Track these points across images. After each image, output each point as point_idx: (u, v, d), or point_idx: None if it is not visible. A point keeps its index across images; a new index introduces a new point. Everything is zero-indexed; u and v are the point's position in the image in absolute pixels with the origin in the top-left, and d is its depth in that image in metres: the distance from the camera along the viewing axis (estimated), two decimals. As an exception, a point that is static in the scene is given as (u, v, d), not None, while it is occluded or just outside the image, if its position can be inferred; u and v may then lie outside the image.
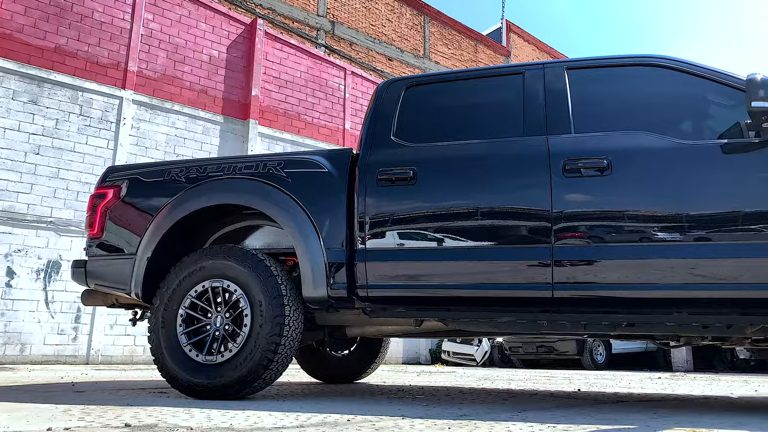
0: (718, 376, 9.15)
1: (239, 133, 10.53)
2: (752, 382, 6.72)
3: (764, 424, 2.46)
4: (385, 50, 17.03)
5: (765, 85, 2.73)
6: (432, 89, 3.73)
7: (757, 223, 2.78)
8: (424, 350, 13.69)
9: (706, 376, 8.70)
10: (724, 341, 3.34)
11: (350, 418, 2.54)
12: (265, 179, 3.49)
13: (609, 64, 3.40)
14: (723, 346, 3.58)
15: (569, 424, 2.43)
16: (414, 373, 7.94)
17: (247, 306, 3.25)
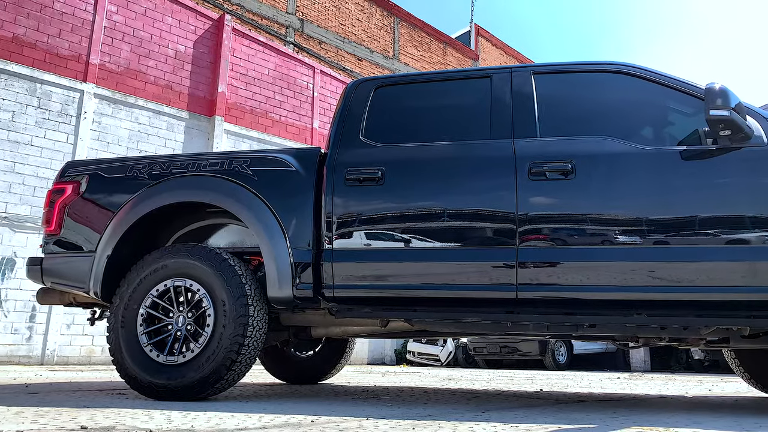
0: (674, 376, 9.41)
1: (205, 130, 10.37)
2: (706, 381, 6.93)
3: (717, 423, 2.54)
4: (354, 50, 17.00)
5: (722, 95, 2.82)
6: (401, 90, 3.74)
7: (712, 227, 2.87)
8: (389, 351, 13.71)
9: (663, 376, 8.94)
10: (680, 342, 3.44)
11: (314, 419, 2.52)
12: (230, 177, 3.44)
13: (575, 70, 3.46)
14: (679, 347, 3.68)
15: (531, 423, 2.46)
16: (379, 373, 7.94)
17: (210, 306, 3.20)
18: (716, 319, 2.89)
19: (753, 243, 2.81)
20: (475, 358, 13.97)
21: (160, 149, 9.69)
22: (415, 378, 6.76)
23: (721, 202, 2.90)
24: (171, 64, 10.15)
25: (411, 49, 18.77)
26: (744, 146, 2.91)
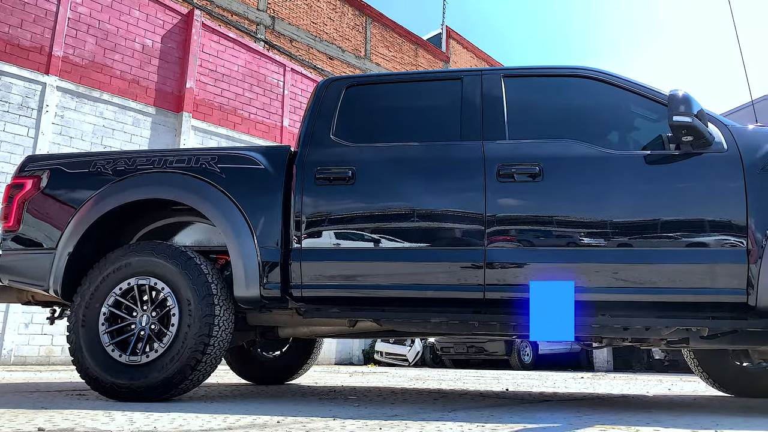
0: (635, 375, 9.63)
1: (172, 126, 10.19)
2: (666, 381, 7.10)
3: (676, 421, 2.60)
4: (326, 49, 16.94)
5: (685, 101, 2.89)
6: (373, 90, 3.74)
7: (674, 230, 2.94)
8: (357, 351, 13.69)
9: (625, 376, 9.14)
10: (642, 343, 3.51)
11: (280, 420, 2.50)
12: (197, 174, 3.39)
13: (543, 73, 3.51)
14: (641, 347, 3.76)
15: (497, 423, 2.48)
16: (347, 373, 7.92)
17: (175, 305, 3.14)
18: (677, 320, 2.97)
19: (712, 246, 2.89)
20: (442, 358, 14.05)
21: (125, 145, 9.49)
22: (382, 378, 6.77)
23: (683, 206, 2.97)
24: (138, 59, 9.94)
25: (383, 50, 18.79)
26: (705, 152, 2.99)
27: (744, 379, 4.24)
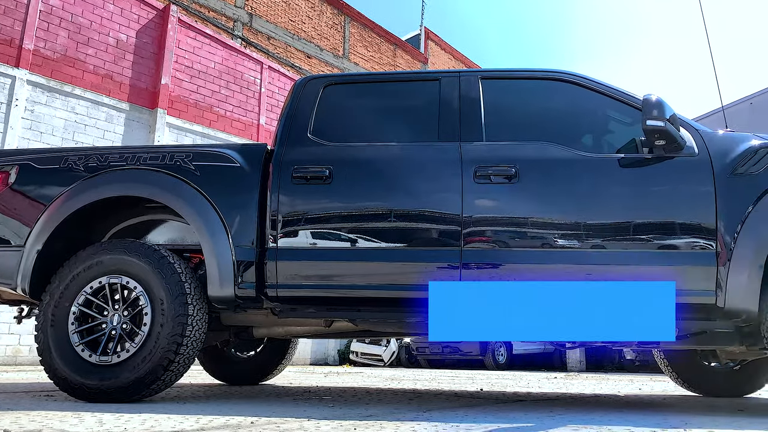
0: (607, 375, 9.78)
1: (146, 123, 10.03)
2: (637, 381, 7.22)
3: (647, 420, 2.65)
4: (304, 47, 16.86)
5: (658, 106, 2.94)
6: (351, 89, 3.73)
7: (646, 233, 2.99)
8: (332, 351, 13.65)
9: (597, 376, 9.27)
10: (614, 343, 3.56)
11: (254, 420, 2.48)
12: (171, 171, 3.34)
13: (520, 76, 3.54)
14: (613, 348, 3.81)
15: (472, 423, 2.49)
16: (322, 374, 7.89)
17: (147, 304, 3.09)
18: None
19: (682, 248, 2.95)
20: (417, 358, 14.09)
21: (98, 141, 9.31)
22: (357, 378, 6.75)
23: (655, 209, 3.03)
24: (112, 53, 9.77)
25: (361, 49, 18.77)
26: (677, 156, 3.04)
27: (712, 379, 4.34)
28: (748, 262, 2.83)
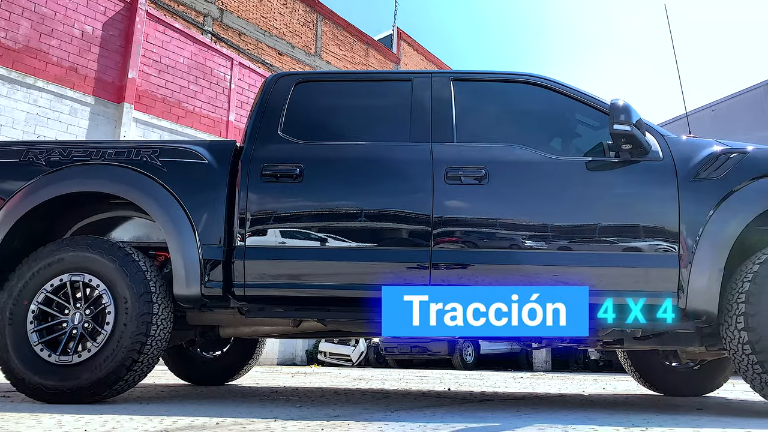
0: (572, 375, 9.94)
1: (112, 117, 9.80)
2: (601, 380, 7.36)
3: (609, 419, 2.69)
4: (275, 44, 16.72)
5: (625, 111, 3.00)
6: (323, 87, 3.71)
7: (611, 235, 3.05)
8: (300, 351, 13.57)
9: (563, 376, 9.41)
10: (579, 343, 3.62)
11: (219, 421, 2.44)
12: (137, 167, 3.27)
13: (492, 78, 3.56)
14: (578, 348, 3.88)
15: (439, 422, 2.50)
16: (289, 374, 7.83)
17: (110, 302, 3.02)
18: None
19: (646, 251, 3.01)
20: (386, 358, 14.11)
21: (60, 135, 9.06)
22: (325, 378, 6.72)
23: (620, 212, 3.08)
24: (77, 45, 9.52)
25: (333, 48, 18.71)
26: (642, 160, 3.11)
27: (673, 378, 4.44)
28: (709, 264, 2.91)
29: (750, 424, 2.58)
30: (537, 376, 8.84)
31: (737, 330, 2.79)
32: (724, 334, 2.91)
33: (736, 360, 2.84)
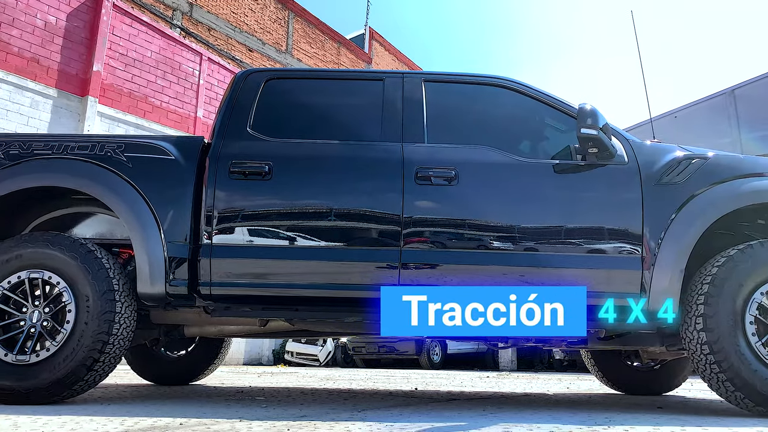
0: (537, 374, 10.08)
1: (75, 111, 9.55)
2: (565, 380, 7.48)
3: (573, 418, 2.74)
4: (245, 40, 16.53)
5: (593, 115, 3.05)
6: (294, 84, 3.68)
7: (577, 236, 3.10)
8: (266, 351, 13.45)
9: (528, 375, 9.54)
10: (545, 343, 3.67)
11: (183, 422, 2.40)
12: (101, 162, 3.19)
13: (463, 80, 3.59)
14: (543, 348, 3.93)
15: (406, 422, 2.50)
16: (255, 374, 7.75)
17: (71, 300, 2.94)
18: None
19: (610, 253, 3.07)
20: (354, 358, 14.09)
21: (21, 128, 8.79)
22: (292, 378, 6.68)
23: (586, 214, 3.14)
24: (39, 36, 9.24)
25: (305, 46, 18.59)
26: (608, 164, 3.17)
27: (634, 378, 4.54)
28: (671, 266, 2.98)
29: (707, 422, 2.65)
30: (503, 376, 8.94)
31: (696, 331, 2.87)
32: (683, 335, 2.99)
33: (695, 360, 2.92)
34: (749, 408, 2.80)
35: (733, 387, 2.78)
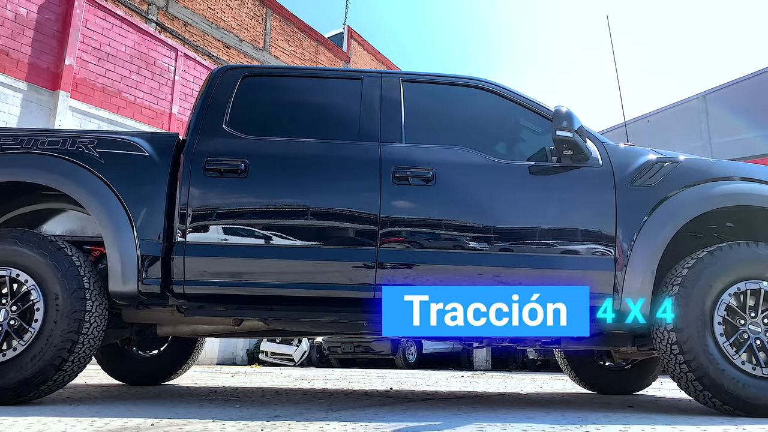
0: (511, 374, 10.17)
1: (46, 105, 9.34)
2: (538, 379, 7.56)
3: (546, 417, 2.77)
4: (222, 36, 16.36)
5: (568, 117, 3.08)
6: (271, 82, 3.65)
7: (552, 237, 3.13)
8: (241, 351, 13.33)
9: (502, 375, 9.62)
10: (519, 343, 3.70)
11: (155, 422, 2.36)
12: (72, 158, 3.12)
13: (441, 81, 3.60)
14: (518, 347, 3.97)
15: (381, 422, 2.50)
16: (229, 374, 7.68)
17: (40, 299, 2.87)
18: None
19: (583, 254, 3.11)
20: (329, 358, 14.04)
21: (-11, 121, 8.57)
22: (266, 378, 6.63)
23: (560, 215, 3.17)
24: (9, 28, 9.02)
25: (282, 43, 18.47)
26: (583, 166, 3.21)
27: (606, 377, 4.60)
28: (642, 268, 3.03)
29: (677, 421, 2.70)
30: (477, 375, 8.99)
31: (666, 331, 2.92)
32: (654, 335, 3.04)
33: (665, 360, 2.97)
34: (717, 407, 2.86)
35: (702, 386, 2.84)
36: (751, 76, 12.42)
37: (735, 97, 12.51)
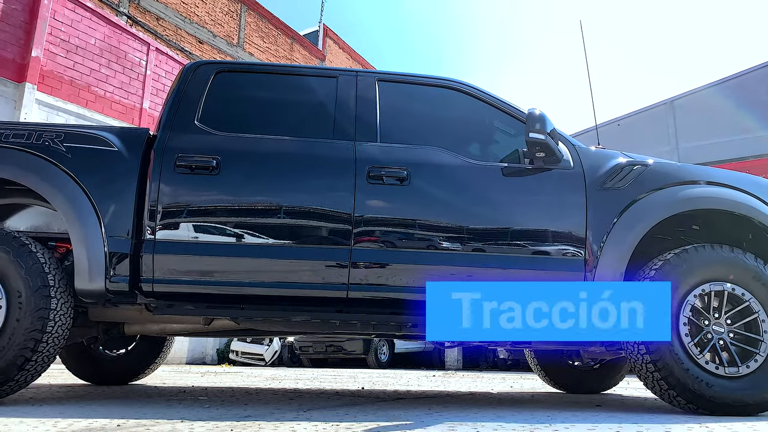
0: (482, 373, 10.25)
1: (11, 97, 9.08)
2: (509, 379, 7.63)
3: (516, 416, 2.79)
4: (196, 31, 16.13)
5: (541, 120, 3.12)
6: (245, 78, 3.61)
7: (523, 238, 3.16)
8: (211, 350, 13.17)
9: (473, 374, 9.69)
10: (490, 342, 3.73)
11: (121, 423, 2.31)
12: (38, 152, 3.04)
13: (416, 81, 3.61)
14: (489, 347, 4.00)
15: (352, 421, 2.49)
16: (198, 373, 7.58)
17: (2, 296, 2.80)
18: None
19: (553, 255, 3.15)
20: (300, 357, 13.96)
21: (-50, 113, 8.30)
22: (237, 378, 6.56)
23: (532, 217, 3.21)
24: (-27, 17, 8.75)
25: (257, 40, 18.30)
26: (554, 168, 3.24)
27: (575, 377, 4.67)
28: (612, 269, 3.08)
29: (643, 419, 2.75)
30: (449, 375, 9.04)
31: (634, 331, 2.96)
32: (622, 335, 3.08)
33: (632, 359, 3.02)
34: (681, 405, 2.92)
35: (667, 385, 2.89)
36: (718, 82, 12.76)
37: (702, 104, 12.85)
